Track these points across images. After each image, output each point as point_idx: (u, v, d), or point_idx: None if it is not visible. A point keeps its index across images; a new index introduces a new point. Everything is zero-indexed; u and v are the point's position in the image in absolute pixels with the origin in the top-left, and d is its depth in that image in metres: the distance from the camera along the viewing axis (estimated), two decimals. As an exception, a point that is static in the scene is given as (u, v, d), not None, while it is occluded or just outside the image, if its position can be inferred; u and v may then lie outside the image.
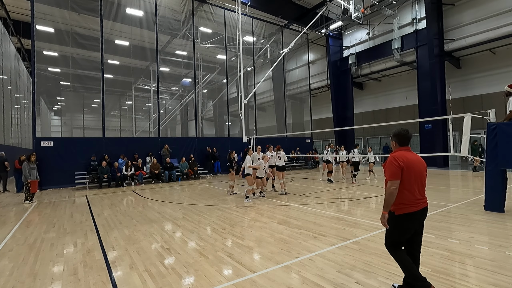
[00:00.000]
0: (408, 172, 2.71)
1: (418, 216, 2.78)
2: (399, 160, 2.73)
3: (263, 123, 23.73)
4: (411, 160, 2.77)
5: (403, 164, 2.70)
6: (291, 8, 20.62)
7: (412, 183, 2.74)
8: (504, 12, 15.54)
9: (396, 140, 2.93)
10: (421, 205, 2.78)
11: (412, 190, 2.74)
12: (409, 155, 2.80)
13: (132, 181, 13.82)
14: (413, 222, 2.77)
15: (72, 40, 14.95)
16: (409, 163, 2.73)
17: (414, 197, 2.74)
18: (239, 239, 4.99)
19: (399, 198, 2.74)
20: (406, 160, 2.73)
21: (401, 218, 2.75)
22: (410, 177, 2.73)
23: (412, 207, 2.73)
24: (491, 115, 6.70)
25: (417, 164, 2.79)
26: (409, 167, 2.72)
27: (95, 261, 4.14)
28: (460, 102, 18.55)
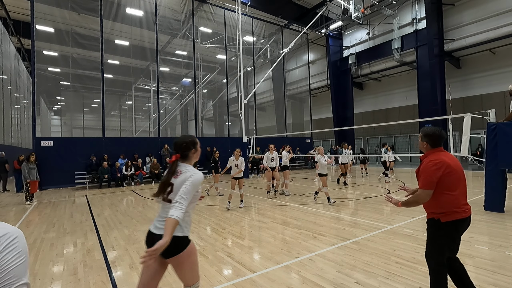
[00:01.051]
0: (454, 175, 2.41)
1: (466, 224, 2.47)
2: (438, 166, 2.39)
3: (263, 123, 23.73)
4: (453, 161, 2.46)
5: (442, 172, 2.38)
6: (291, 8, 20.62)
7: (459, 185, 2.44)
8: (504, 12, 15.54)
9: (428, 140, 2.55)
10: (469, 211, 2.46)
11: (460, 193, 2.44)
12: (447, 156, 2.48)
13: (132, 181, 13.83)
14: (463, 228, 2.47)
15: (72, 40, 14.96)
16: (451, 166, 2.42)
17: (461, 202, 2.43)
18: (239, 239, 4.99)
19: (445, 204, 2.40)
20: (447, 164, 2.40)
21: (452, 225, 2.41)
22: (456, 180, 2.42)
23: (461, 213, 2.41)
24: (491, 115, 6.70)
25: (459, 167, 2.48)
26: (452, 170, 2.41)
27: (95, 261, 4.14)
28: (460, 102, 18.55)
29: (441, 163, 2.40)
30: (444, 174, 2.38)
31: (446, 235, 2.44)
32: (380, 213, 6.56)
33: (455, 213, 2.40)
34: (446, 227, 2.42)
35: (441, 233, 2.46)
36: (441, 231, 2.45)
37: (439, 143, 2.54)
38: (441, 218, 2.42)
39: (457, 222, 2.41)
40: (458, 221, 2.41)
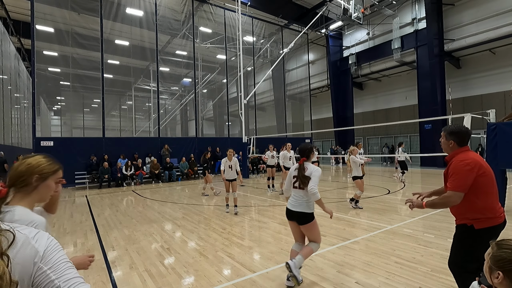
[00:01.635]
0: (488, 177, 2.21)
1: (501, 230, 2.26)
2: (474, 165, 2.18)
3: (263, 123, 23.73)
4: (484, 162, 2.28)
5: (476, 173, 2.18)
6: (291, 8, 20.61)
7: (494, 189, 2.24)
8: (504, 12, 15.53)
9: (455, 139, 2.35)
10: (504, 215, 2.25)
11: (495, 197, 2.25)
12: (478, 156, 2.31)
13: (132, 181, 13.83)
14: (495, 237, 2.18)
15: (72, 40, 14.95)
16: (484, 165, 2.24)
17: (497, 205, 2.24)
18: (239, 239, 4.99)
19: (482, 208, 2.19)
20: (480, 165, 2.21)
21: (483, 233, 2.18)
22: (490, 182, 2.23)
23: (497, 219, 2.21)
24: (491, 115, 6.70)
25: (489, 166, 2.29)
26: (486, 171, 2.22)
27: (95, 261, 4.12)
28: (460, 102, 18.55)
29: (475, 163, 2.20)
30: (479, 175, 2.18)
31: (479, 243, 2.19)
32: (380, 213, 6.56)
33: (491, 219, 2.20)
34: (480, 234, 2.19)
35: (473, 240, 2.24)
36: (474, 238, 2.23)
37: (466, 141, 2.35)
38: (475, 224, 2.21)
39: (492, 228, 2.21)
40: (494, 227, 2.21)
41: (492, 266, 1.12)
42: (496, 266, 1.10)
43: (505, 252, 1.10)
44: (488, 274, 1.14)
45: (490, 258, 1.15)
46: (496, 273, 1.09)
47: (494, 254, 1.14)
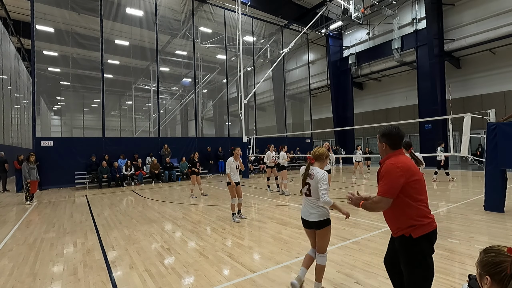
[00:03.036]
0: (419, 182, 2.09)
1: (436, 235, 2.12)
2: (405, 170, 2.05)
3: (263, 123, 23.73)
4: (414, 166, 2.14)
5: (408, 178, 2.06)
6: (291, 8, 20.61)
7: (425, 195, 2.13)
8: (504, 12, 15.53)
9: (386, 141, 2.24)
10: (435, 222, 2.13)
11: (426, 203, 2.12)
12: (409, 160, 2.17)
13: (132, 181, 13.83)
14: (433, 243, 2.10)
15: (72, 40, 14.94)
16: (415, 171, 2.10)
17: (428, 212, 2.11)
18: (239, 239, 4.99)
19: (416, 215, 2.06)
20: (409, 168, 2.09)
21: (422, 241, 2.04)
22: (422, 188, 2.11)
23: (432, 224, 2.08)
24: (491, 115, 6.70)
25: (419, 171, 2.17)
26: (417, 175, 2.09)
27: (95, 261, 4.14)
28: (460, 102, 18.55)
29: (405, 168, 2.07)
30: (410, 181, 2.05)
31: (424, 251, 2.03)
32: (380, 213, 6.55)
33: (427, 224, 2.06)
34: (420, 243, 2.03)
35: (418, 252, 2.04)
36: (419, 249, 2.04)
37: (399, 143, 2.22)
38: (412, 233, 2.04)
39: (432, 233, 2.07)
40: (432, 233, 2.07)
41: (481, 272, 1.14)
42: (484, 271, 1.12)
43: (490, 256, 1.12)
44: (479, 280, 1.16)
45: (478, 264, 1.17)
46: (485, 278, 1.11)
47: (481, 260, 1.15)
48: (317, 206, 2.98)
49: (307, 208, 3.06)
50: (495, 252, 1.12)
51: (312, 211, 3.01)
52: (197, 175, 9.63)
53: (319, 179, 2.95)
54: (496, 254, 1.11)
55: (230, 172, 6.20)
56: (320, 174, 2.97)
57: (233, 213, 6.37)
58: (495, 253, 1.12)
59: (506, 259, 1.07)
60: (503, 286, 1.06)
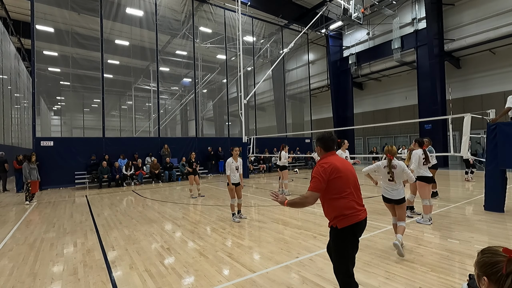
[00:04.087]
0: (343, 179, 2.38)
1: (362, 227, 2.44)
2: (327, 171, 2.36)
3: (263, 123, 23.73)
4: (344, 165, 2.45)
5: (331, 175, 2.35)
6: (291, 8, 20.61)
7: (350, 190, 2.41)
8: (504, 12, 15.53)
9: (321, 145, 2.56)
10: (364, 214, 2.44)
11: (353, 197, 2.41)
12: (338, 160, 2.47)
13: (132, 181, 13.83)
14: (360, 232, 2.44)
15: (72, 40, 14.95)
16: (341, 169, 2.39)
17: (354, 205, 2.40)
18: (239, 239, 4.99)
19: (340, 208, 2.37)
20: (335, 167, 2.37)
21: (350, 230, 2.36)
22: (346, 184, 2.39)
23: (356, 216, 2.37)
24: (491, 115, 6.70)
25: (349, 169, 2.47)
26: (343, 174, 2.38)
27: (95, 261, 4.14)
28: (460, 102, 18.55)
29: (331, 166, 2.37)
30: (334, 178, 2.35)
31: (347, 240, 2.38)
32: (380, 213, 6.56)
33: (350, 216, 2.35)
34: (344, 233, 2.36)
35: (341, 241, 2.39)
36: (342, 238, 2.38)
37: (331, 146, 2.55)
38: (338, 224, 2.38)
39: (355, 225, 2.36)
40: (356, 224, 2.36)
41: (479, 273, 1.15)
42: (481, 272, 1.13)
43: (487, 256, 1.13)
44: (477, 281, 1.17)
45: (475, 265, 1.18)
46: (482, 279, 1.12)
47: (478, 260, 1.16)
48: (398, 188, 4.15)
49: (389, 190, 4.20)
50: (491, 253, 1.13)
51: (394, 193, 4.15)
52: (194, 175, 9.60)
53: (403, 168, 4.17)
54: (492, 255, 1.12)
55: (230, 173, 6.17)
56: (402, 164, 4.19)
57: (233, 213, 6.38)
58: (492, 253, 1.12)
59: (502, 259, 1.08)
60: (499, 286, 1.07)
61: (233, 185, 6.18)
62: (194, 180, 9.58)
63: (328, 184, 2.36)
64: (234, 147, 6.46)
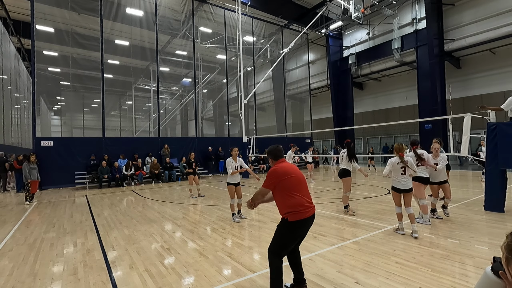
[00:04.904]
0: (292, 179, 2.83)
1: (310, 222, 2.84)
2: (278, 172, 2.87)
3: (263, 123, 23.73)
4: (291, 168, 2.93)
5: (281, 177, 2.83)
6: (291, 8, 20.62)
7: (300, 188, 2.84)
8: (504, 12, 15.54)
9: (271, 157, 3.10)
10: (312, 211, 2.84)
11: (302, 195, 2.82)
12: (287, 165, 2.97)
13: (132, 181, 13.82)
14: (305, 228, 2.83)
15: (72, 40, 14.95)
16: (290, 172, 2.87)
17: (303, 202, 2.79)
18: (239, 239, 4.99)
19: (291, 204, 2.77)
20: (285, 170, 2.87)
21: (294, 225, 2.76)
22: (296, 183, 2.84)
23: (305, 213, 2.77)
24: (491, 115, 6.69)
25: (298, 172, 2.94)
26: (291, 175, 2.84)
27: (95, 261, 4.14)
28: (460, 102, 18.55)
29: (281, 169, 2.89)
30: (284, 179, 2.82)
31: (292, 232, 2.80)
32: (380, 213, 6.55)
33: (300, 212, 2.75)
34: (293, 226, 2.76)
35: (287, 231, 2.80)
36: (288, 229, 2.79)
37: (279, 156, 3.08)
38: (288, 218, 2.76)
39: (303, 221, 2.77)
40: (304, 220, 2.77)
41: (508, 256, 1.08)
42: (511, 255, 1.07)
43: None
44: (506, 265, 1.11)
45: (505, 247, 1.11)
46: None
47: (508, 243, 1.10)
48: (408, 180, 4.84)
49: (402, 182, 4.83)
50: None
51: (404, 184, 4.82)
52: (194, 175, 9.60)
53: (412, 163, 4.86)
54: None
55: (230, 172, 6.24)
56: (410, 159, 4.88)
57: (233, 213, 6.38)
58: None
59: None
60: None
61: (232, 185, 6.23)
62: (193, 180, 9.57)
63: (280, 184, 2.82)
64: (233, 147, 6.50)
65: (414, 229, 4.69)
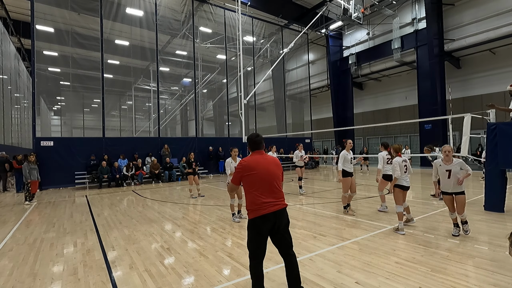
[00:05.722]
0: (254, 176, 2.73)
1: (271, 218, 2.68)
2: (243, 166, 2.78)
3: (263, 123, 23.72)
4: (260, 164, 2.77)
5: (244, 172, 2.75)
6: (291, 8, 20.61)
7: (259, 186, 2.73)
8: (504, 12, 15.53)
9: (248, 145, 2.94)
10: (272, 207, 2.70)
11: (260, 193, 2.72)
12: (259, 158, 2.82)
13: (132, 181, 13.82)
14: (264, 225, 2.68)
15: (72, 40, 14.95)
16: (256, 168, 2.74)
17: (261, 200, 2.70)
18: (239, 239, 4.99)
19: (249, 202, 2.76)
20: (250, 165, 2.75)
21: (254, 222, 2.71)
22: (257, 179, 2.73)
23: (261, 210, 2.68)
24: (491, 115, 6.69)
25: (267, 167, 2.78)
26: (254, 171, 2.73)
27: (95, 261, 4.14)
28: (460, 102, 18.55)
29: (245, 164, 2.77)
30: (246, 175, 2.74)
31: (252, 229, 2.73)
32: (380, 213, 6.56)
33: (257, 210, 2.69)
34: (252, 223, 2.73)
35: (249, 229, 2.77)
36: (249, 226, 2.77)
37: (256, 146, 2.89)
38: (249, 215, 2.76)
39: (260, 218, 2.67)
40: (261, 217, 2.67)
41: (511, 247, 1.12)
42: None
43: None
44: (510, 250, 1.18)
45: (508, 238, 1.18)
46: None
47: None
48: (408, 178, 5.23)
49: (406, 179, 5.17)
50: None
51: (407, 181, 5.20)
52: (194, 175, 9.60)
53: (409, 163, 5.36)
54: None
55: (230, 172, 6.26)
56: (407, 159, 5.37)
57: (232, 213, 6.39)
58: None
59: None
60: None
61: None
62: (193, 180, 9.58)
63: (243, 179, 2.77)
64: (233, 148, 6.50)
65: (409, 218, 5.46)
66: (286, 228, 2.81)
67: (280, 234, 2.77)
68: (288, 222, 2.86)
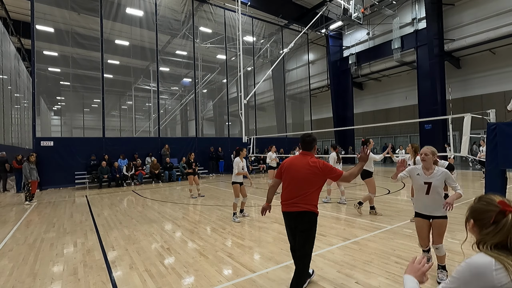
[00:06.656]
0: (286, 174, 2.97)
1: (291, 217, 2.90)
2: (282, 164, 3.08)
3: (263, 123, 23.72)
4: (294, 164, 2.95)
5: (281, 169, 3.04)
6: (291, 8, 20.61)
7: (287, 185, 2.96)
8: (504, 12, 15.53)
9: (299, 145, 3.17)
10: (293, 207, 2.86)
11: (287, 191, 2.95)
12: (298, 159, 2.98)
13: (132, 181, 13.82)
14: (285, 220, 3.01)
15: (72, 40, 14.94)
16: (290, 168, 2.96)
17: (287, 196, 2.93)
18: (239, 239, 4.99)
19: (281, 196, 3.03)
20: (287, 165, 2.99)
21: (283, 215, 3.01)
22: (286, 179, 2.97)
23: (283, 207, 2.98)
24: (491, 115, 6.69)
25: (298, 170, 2.90)
26: (288, 170, 2.95)
27: (95, 261, 4.14)
28: (460, 102, 18.55)
29: (283, 163, 3.07)
30: (282, 172, 3.02)
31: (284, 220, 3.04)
32: (380, 213, 6.56)
33: (282, 205, 3.00)
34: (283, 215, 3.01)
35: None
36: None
37: (302, 146, 3.05)
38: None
39: (284, 213, 2.99)
40: (284, 212, 2.98)
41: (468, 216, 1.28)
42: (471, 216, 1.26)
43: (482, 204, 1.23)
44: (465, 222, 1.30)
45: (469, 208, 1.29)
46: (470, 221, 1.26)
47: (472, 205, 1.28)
48: None
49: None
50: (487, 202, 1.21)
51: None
52: (194, 175, 9.59)
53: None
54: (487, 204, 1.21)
55: (237, 171, 6.43)
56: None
57: (234, 212, 6.37)
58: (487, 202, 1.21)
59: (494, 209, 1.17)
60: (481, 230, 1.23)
61: (238, 184, 6.44)
62: (193, 180, 9.57)
63: (282, 176, 3.03)
64: (241, 148, 6.67)
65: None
66: (301, 234, 2.83)
67: (298, 236, 2.89)
68: (306, 229, 2.82)
